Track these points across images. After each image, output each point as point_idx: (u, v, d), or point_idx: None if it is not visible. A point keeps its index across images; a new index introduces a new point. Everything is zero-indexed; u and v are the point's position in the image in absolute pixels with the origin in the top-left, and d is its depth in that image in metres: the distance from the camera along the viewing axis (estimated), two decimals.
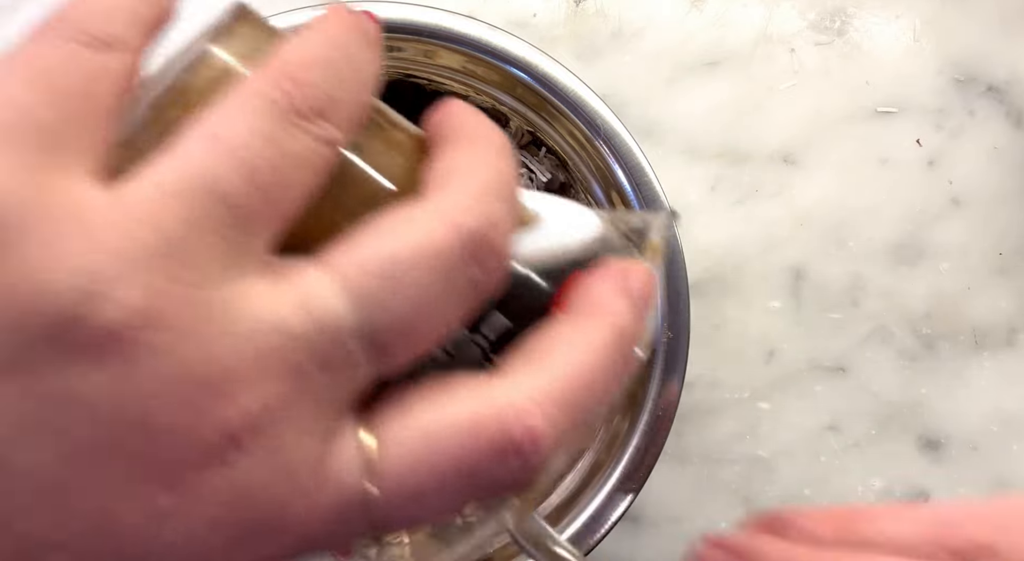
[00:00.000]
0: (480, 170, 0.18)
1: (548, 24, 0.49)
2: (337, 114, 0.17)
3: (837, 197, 0.49)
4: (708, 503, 0.48)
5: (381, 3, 0.39)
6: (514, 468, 0.17)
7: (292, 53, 0.18)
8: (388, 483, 0.17)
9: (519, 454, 0.17)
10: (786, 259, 0.49)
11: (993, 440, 0.49)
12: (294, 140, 0.17)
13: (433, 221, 0.17)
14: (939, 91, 0.50)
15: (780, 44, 0.50)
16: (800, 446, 0.48)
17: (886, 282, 0.49)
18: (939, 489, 0.48)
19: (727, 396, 0.48)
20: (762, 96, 0.49)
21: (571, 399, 0.18)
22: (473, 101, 0.45)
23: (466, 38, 0.39)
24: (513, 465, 0.17)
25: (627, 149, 0.39)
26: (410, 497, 0.17)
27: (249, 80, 0.17)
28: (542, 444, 0.17)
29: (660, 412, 0.39)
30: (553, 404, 0.17)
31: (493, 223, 0.17)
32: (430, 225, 0.17)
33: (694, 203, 0.49)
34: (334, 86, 0.18)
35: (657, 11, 0.50)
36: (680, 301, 0.39)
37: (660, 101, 0.49)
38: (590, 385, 0.18)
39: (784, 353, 0.49)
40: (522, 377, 0.18)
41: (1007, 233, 0.50)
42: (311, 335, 0.16)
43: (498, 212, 0.18)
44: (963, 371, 0.49)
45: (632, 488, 0.39)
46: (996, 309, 0.49)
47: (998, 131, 0.50)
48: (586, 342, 0.18)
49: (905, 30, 0.50)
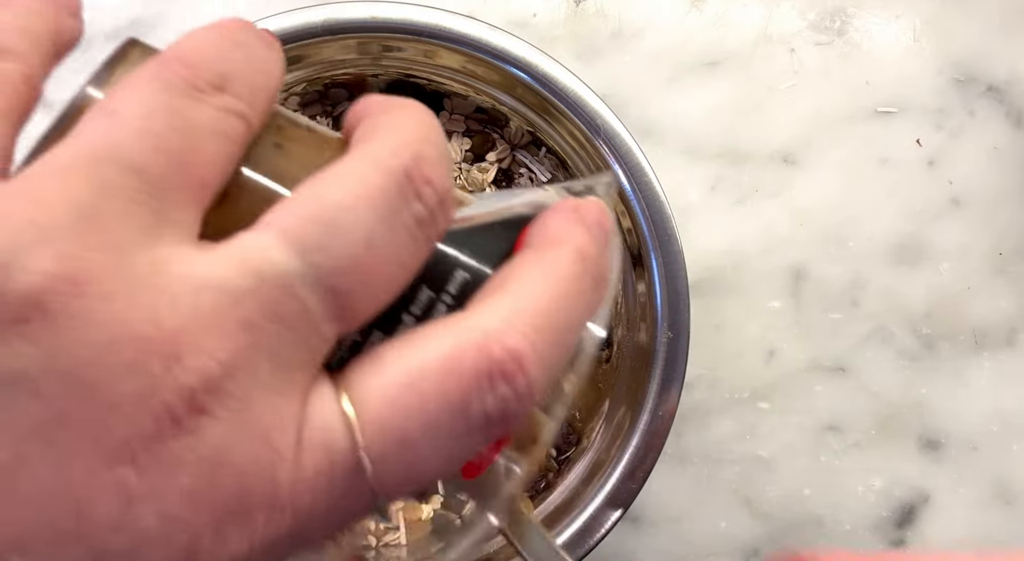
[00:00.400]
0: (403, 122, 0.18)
1: (548, 24, 0.49)
2: (235, 89, 0.17)
3: (837, 197, 0.49)
4: (708, 503, 0.48)
5: (381, 3, 0.39)
6: (505, 394, 0.16)
7: (182, 42, 0.18)
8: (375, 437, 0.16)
9: (505, 376, 0.16)
10: (786, 259, 0.49)
11: (993, 440, 0.49)
12: (196, 110, 0.17)
13: (364, 166, 0.17)
14: (939, 91, 0.50)
15: (780, 44, 0.50)
16: (800, 446, 0.48)
17: (886, 282, 0.49)
18: (939, 489, 0.48)
19: (727, 396, 0.48)
20: (762, 96, 0.49)
21: (545, 320, 0.17)
22: (473, 101, 0.45)
23: (466, 38, 0.39)
24: (503, 390, 0.16)
25: (627, 149, 0.39)
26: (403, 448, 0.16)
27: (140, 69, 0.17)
28: (526, 362, 0.17)
29: (660, 412, 0.39)
30: (528, 325, 0.17)
31: (425, 160, 0.17)
32: (362, 170, 0.17)
33: (694, 203, 0.49)
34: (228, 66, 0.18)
35: (657, 11, 0.50)
36: (680, 301, 0.39)
37: (660, 101, 0.49)
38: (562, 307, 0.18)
39: (784, 353, 0.49)
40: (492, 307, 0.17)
41: (1007, 233, 0.50)
42: (253, 287, 0.15)
43: (427, 151, 0.18)
44: (963, 371, 0.49)
45: (632, 488, 0.39)
46: (996, 309, 0.49)
47: (998, 131, 0.50)
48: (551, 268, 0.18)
49: (905, 30, 0.50)
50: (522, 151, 0.46)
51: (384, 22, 0.39)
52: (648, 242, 0.40)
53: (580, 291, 0.18)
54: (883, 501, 0.48)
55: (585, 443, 0.43)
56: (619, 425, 0.41)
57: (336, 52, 0.40)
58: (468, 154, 0.46)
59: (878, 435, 0.48)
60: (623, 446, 0.39)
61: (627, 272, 0.42)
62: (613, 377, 0.43)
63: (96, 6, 0.48)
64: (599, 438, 0.42)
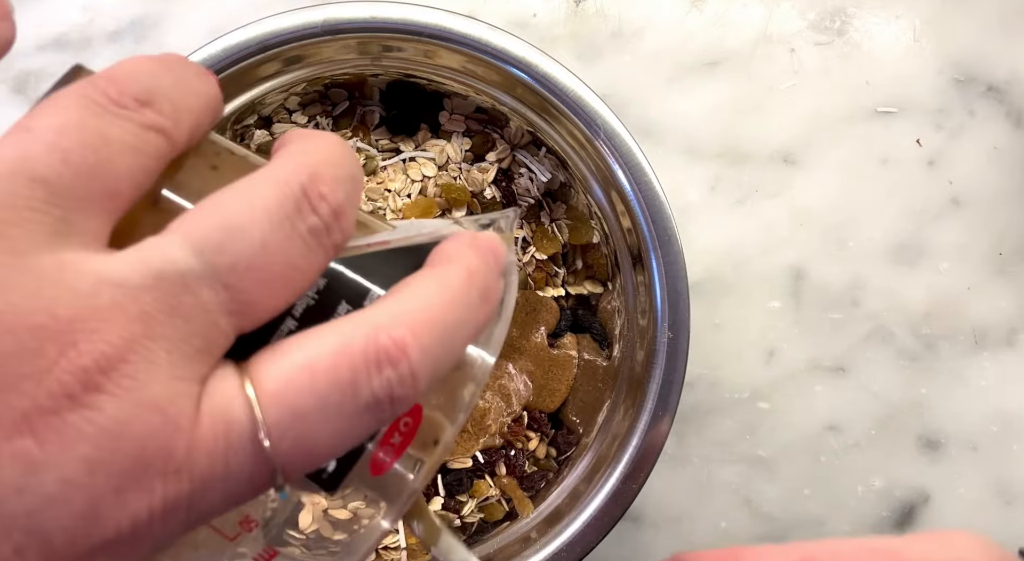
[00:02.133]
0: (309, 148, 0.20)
1: (548, 24, 0.49)
2: (160, 106, 0.19)
3: (837, 197, 0.49)
4: (708, 503, 0.48)
5: (381, 3, 0.39)
6: (390, 377, 0.18)
7: (116, 65, 0.19)
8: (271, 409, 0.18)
9: (390, 361, 0.18)
10: (786, 259, 0.49)
11: (993, 440, 0.49)
12: (112, 126, 0.18)
13: (265, 182, 0.19)
14: (939, 91, 0.50)
15: (780, 44, 0.50)
16: (800, 446, 0.48)
17: (886, 282, 0.49)
18: (939, 489, 0.48)
19: (727, 396, 0.48)
20: (762, 96, 0.49)
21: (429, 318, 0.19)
22: (473, 101, 0.45)
23: (466, 38, 0.39)
24: (388, 374, 0.18)
25: (627, 149, 0.39)
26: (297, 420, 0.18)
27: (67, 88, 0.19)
28: (410, 351, 0.19)
29: (660, 412, 0.39)
30: (414, 320, 0.19)
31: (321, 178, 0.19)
32: (262, 185, 0.19)
33: (694, 203, 0.49)
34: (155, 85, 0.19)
35: (657, 11, 0.50)
36: (680, 301, 0.39)
37: (660, 101, 0.49)
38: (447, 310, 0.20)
39: (784, 353, 0.49)
40: (384, 305, 0.20)
41: (1007, 233, 0.50)
42: (152, 284, 0.17)
43: (326, 171, 0.19)
44: (963, 371, 0.49)
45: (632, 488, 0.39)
46: (996, 309, 0.49)
47: (998, 131, 0.50)
48: (440, 279, 0.20)
49: (905, 30, 0.50)
50: (522, 151, 0.46)
51: (384, 22, 0.39)
52: (648, 242, 0.40)
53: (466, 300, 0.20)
54: (883, 501, 0.48)
55: (585, 443, 0.43)
56: (619, 425, 0.41)
57: (336, 52, 0.40)
58: (468, 154, 0.46)
59: (878, 435, 0.48)
60: (623, 446, 0.39)
61: (627, 272, 0.42)
62: (613, 377, 0.43)
63: (96, 6, 0.48)
64: (599, 438, 0.42)
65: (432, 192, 0.45)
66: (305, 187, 0.19)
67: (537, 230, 0.46)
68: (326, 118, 0.46)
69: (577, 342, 0.46)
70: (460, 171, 0.46)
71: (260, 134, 0.45)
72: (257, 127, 0.44)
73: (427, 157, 0.45)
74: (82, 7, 0.48)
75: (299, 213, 0.19)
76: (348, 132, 0.45)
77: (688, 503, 0.48)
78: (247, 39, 0.38)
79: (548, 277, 0.46)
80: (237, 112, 0.41)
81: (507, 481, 0.45)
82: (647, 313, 0.40)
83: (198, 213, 0.18)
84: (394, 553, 0.44)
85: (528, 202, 0.46)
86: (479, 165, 0.46)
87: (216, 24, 0.48)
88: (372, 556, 0.44)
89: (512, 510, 0.44)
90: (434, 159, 0.45)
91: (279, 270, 0.19)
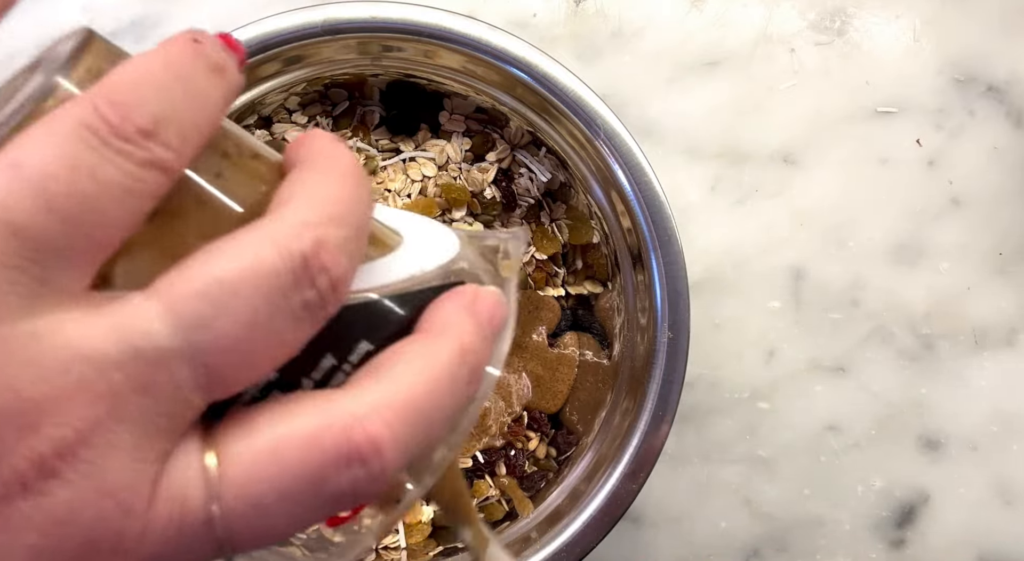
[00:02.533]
0: (318, 194, 0.18)
1: (548, 24, 0.49)
2: (166, 135, 0.17)
3: (837, 197, 0.49)
4: (708, 503, 0.48)
5: (381, 3, 0.39)
6: (358, 475, 0.17)
7: (116, 75, 0.17)
8: (231, 496, 0.17)
9: (361, 460, 0.17)
10: (786, 259, 0.49)
11: (993, 440, 0.49)
12: (110, 165, 0.16)
13: (263, 244, 0.17)
14: (939, 91, 0.50)
15: (780, 44, 0.50)
16: (800, 446, 0.48)
17: (886, 282, 0.49)
18: (939, 489, 0.48)
19: (727, 396, 0.48)
20: (762, 96, 0.49)
21: (412, 408, 0.18)
22: (473, 101, 0.45)
23: (466, 38, 0.39)
24: (357, 472, 0.17)
25: (627, 149, 0.39)
26: (253, 510, 0.17)
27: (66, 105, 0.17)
28: (384, 450, 0.17)
29: (660, 412, 0.39)
30: (393, 413, 0.18)
31: (325, 247, 0.17)
32: (259, 248, 0.17)
33: (694, 203, 0.49)
34: (164, 106, 0.17)
35: (657, 11, 0.50)
36: (680, 301, 0.39)
37: (660, 101, 0.49)
38: (431, 396, 0.18)
39: (784, 353, 0.49)
40: (364, 389, 0.18)
41: (1007, 233, 0.50)
42: (125, 360, 0.16)
43: (332, 234, 0.18)
44: (963, 371, 0.49)
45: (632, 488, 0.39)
46: (996, 309, 0.49)
47: (998, 131, 0.50)
48: (429, 357, 0.19)
49: (905, 30, 0.50)
50: (522, 151, 0.46)
51: (384, 22, 0.39)
52: (648, 242, 0.40)
53: (453, 384, 0.19)
54: (883, 501, 0.48)
55: (585, 443, 0.43)
56: (619, 425, 0.41)
57: (336, 52, 0.40)
58: (468, 154, 0.46)
59: (878, 435, 0.48)
60: (623, 446, 0.39)
61: (627, 272, 0.42)
62: (613, 377, 0.43)
63: (96, 6, 0.48)
64: (599, 438, 0.42)
65: (432, 192, 0.45)
66: (307, 257, 0.17)
67: (537, 230, 0.46)
68: (326, 118, 0.46)
69: (578, 341, 0.46)
70: (460, 171, 0.46)
71: (260, 134, 0.45)
72: (257, 127, 0.44)
73: (427, 157, 0.45)
74: (82, 7, 0.48)
75: (296, 287, 0.17)
76: (348, 132, 0.45)
77: (688, 503, 0.48)
78: (247, 39, 0.38)
79: (548, 277, 0.46)
80: (237, 112, 0.41)
81: (507, 481, 0.45)
82: (647, 313, 0.40)
83: (185, 275, 0.17)
84: (394, 553, 0.44)
85: (528, 202, 0.46)
86: (479, 165, 0.46)
87: (216, 24, 0.48)
88: (372, 556, 0.44)
89: (512, 510, 0.44)
90: (434, 159, 0.45)
91: (265, 349, 0.17)
